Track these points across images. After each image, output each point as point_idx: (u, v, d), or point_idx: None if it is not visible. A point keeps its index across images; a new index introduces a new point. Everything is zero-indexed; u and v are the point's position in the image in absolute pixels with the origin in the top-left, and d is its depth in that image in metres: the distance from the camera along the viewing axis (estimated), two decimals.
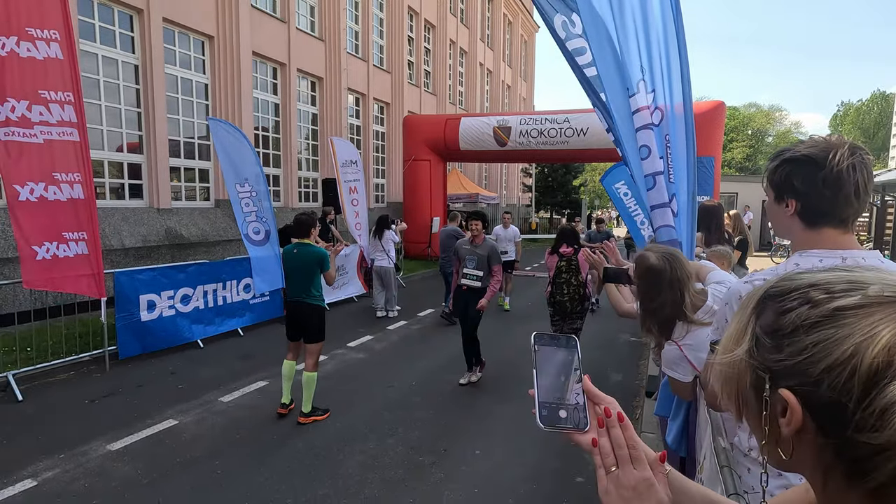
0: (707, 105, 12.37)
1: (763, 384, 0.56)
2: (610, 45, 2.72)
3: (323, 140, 14.75)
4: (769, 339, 0.56)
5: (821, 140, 1.29)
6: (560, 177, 27.92)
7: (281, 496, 3.33)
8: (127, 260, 8.49)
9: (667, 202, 2.68)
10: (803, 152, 1.27)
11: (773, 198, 1.37)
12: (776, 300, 0.57)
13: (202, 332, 6.72)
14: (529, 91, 34.97)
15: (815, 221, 1.29)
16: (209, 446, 3.98)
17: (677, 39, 2.73)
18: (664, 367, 1.88)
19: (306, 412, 4.41)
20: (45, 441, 3.97)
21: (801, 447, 0.55)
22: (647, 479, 0.69)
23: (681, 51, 2.73)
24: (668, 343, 1.84)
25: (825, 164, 1.23)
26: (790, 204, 1.31)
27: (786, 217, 1.34)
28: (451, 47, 22.81)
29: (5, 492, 3.30)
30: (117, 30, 9.24)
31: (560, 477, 3.67)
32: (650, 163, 2.68)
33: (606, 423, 0.71)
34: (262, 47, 12.20)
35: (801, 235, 1.32)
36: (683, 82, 2.74)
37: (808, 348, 0.52)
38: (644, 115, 2.68)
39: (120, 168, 9.48)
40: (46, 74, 4.75)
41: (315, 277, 4.51)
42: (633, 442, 0.70)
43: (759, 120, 45.09)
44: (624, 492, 0.68)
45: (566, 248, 5.41)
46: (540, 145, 13.72)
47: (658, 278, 1.74)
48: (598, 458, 0.71)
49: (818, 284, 0.55)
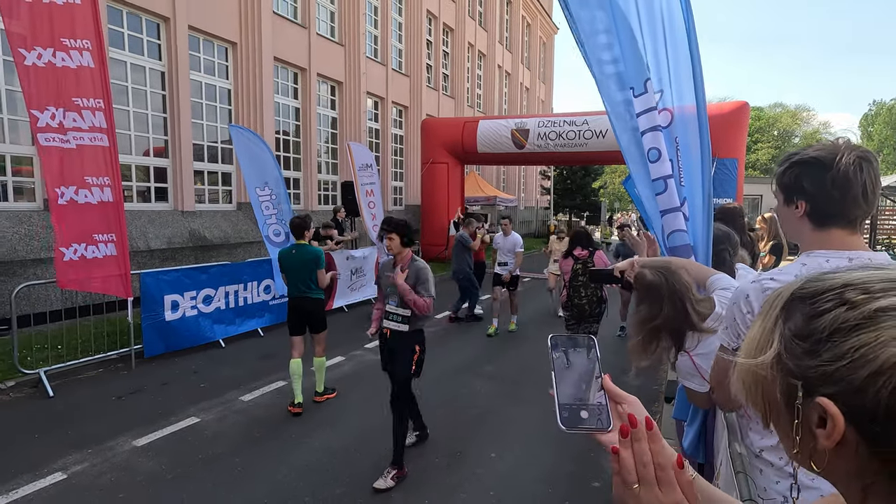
0: (730, 106, 12.14)
1: (795, 392, 0.52)
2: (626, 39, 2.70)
3: (342, 143, 14.93)
4: (801, 343, 0.52)
5: (828, 143, 1.31)
6: (579, 179, 27.68)
7: (299, 493, 3.38)
8: (153, 261, 8.73)
9: (678, 206, 2.65)
10: (812, 154, 1.30)
11: (783, 200, 1.40)
12: (806, 302, 0.53)
13: (223, 331, 6.87)
14: (548, 93, 34.80)
15: (823, 222, 1.31)
16: (230, 444, 4.07)
17: (688, 39, 2.69)
18: (680, 378, 1.87)
19: (320, 391, 4.97)
20: (74, 436, 4.11)
21: (838, 459, 0.50)
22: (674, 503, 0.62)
23: (692, 50, 2.68)
24: (682, 354, 1.83)
25: (833, 165, 1.25)
26: (800, 205, 1.34)
27: (795, 219, 1.36)
28: (470, 50, 22.87)
29: (37, 483, 3.43)
30: (145, 38, 9.53)
31: (576, 481, 3.65)
32: (659, 166, 2.65)
33: (632, 434, 0.64)
34: (283, 52, 12.43)
35: (810, 236, 1.35)
36: (696, 83, 2.70)
37: (849, 353, 0.48)
38: (652, 116, 2.65)
39: (146, 172, 9.76)
40: (79, 82, 4.93)
41: (313, 274, 4.86)
42: (662, 461, 0.63)
43: (786, 120, 44.03)
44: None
45: (581, 250, 5.35)
46: (558, 147, 13.65)
47: (658, 293, 1.74)
48: (615, 465, 0.64)
49: (853, 284, 0.51)
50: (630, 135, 2.84)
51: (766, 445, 1.37)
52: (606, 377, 0.72)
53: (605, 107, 2.99)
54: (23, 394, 4.99)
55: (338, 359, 6.32)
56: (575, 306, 5.33)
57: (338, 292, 8.92)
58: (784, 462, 1.31)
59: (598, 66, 2.92)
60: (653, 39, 2.69)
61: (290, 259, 4.86)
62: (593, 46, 2.88)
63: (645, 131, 2.67)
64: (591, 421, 0.68)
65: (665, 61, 2.76)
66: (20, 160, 7.76)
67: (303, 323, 4.88)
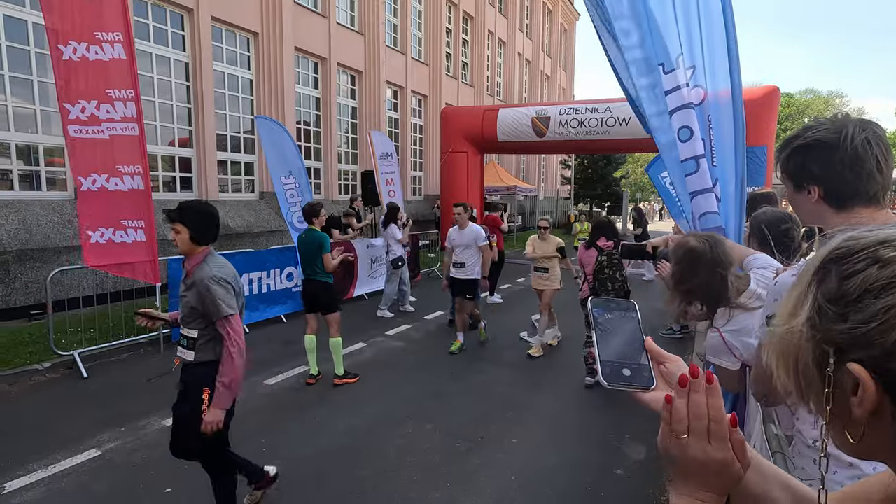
0: (759, 91, 11.75)
1: (827, 359, 0.49)
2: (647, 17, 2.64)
3: (362, 133, 14.98)
4: (833, 307, 0.49)
5: (826, 121, 1.24)
6: (600, 168, 27.23)
7: (324, 474, 3.45)
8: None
9: (710, 187, 2.59)
10: (815, 137, 1.23)
11: (794, 187, 1.33)
12: (840, 263, 0.50)
13: (248, 317, 7.00)
14: (569, 81, 34.25)
15: (843, 203, 1.25)
16: (255, 425, 4.17)
17: (724, 20, 2.61)
18: (708, 356, 1.84)
19: (339, 374, 5.05)
20: (107, 415, 4.26)
21: (876, 431, 0.48)
22: (723, 460, 0.60)
23: (728, 33, 2.61)
24: (711, 330, 1.79)
25: (839, 144, 1.19)
26: (812, 191, 1.28)
27: (810, 204, 1.30)
28: (490, 38, 22.61)
29: (74, 459, 3.57)
30: (169, 29, 9.67)
31: (598, 469, 3.64)
32: (691, 145, 2.58)
33: (691, 383, 0.62)
34: (303, 42, 12.48)
35: (834, 219, 1.28)
36: (732, 67, 2.62)
37: (879, 315, 0.45)
38: (683, 94, 2.58)
39: (172, 162, 9.96)
40: (111, 74, 5.04)
41: (319, 258, 5.02)
42: (718, 415, 0.60)
43: (817, 107, 42.52)
44: (689, 463, 0.60)
45: (606, 241, 5.05)
46: (580, 136, 13.43)
47: (699, 261, 1.71)
48: (666, 414, 0.63)
49: (889, 241, 0.48)
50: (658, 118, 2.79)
51: (818, 436, 1.32)
52: (648, 339, 0.72)
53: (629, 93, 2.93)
54: (59, 374, 5.19)
55: (359, 345, 6.40)
56: None
57: (358, 280, 9.00)
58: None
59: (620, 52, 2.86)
60: (685, 14, 2.61)
61: (301, 243, 5.15)
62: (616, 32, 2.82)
63: (674, 110, 2.60)
64: (633, 378, 0.69)
65: (699, 37, 2.68)
66: (52, 151, 8.00)
67: (314, 303, 5.11)
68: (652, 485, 3.45)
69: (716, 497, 0.61)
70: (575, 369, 5.52)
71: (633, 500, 3.28)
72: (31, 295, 7.06)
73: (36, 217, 7.38)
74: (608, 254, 5.00)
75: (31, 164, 7.78)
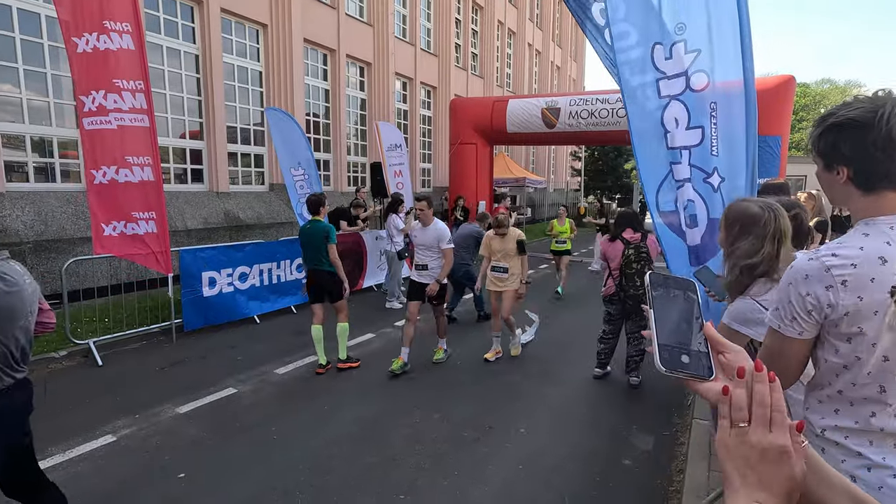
0: (774, 80, 11.54)
1: None
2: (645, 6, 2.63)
3: (371, 125, 14.96)
4: None
5: (865, 99, 1.19)
6: (611, 160, 26.97)
7: (332, 461, 3.50)
8: (190, 241, 9.02)
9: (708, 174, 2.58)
10: (849, 116, 1.19)
11: (823, 166, 1.30)
12: None
13: (259, 308, 7.08)
14: (580, 72, 33.87)
15: (872, 186, 1.22)
16: (265, 413, 4.23)
17: (738, 10, 2.58)
18: (735, 324, 1.73)
19: (342, 358, 5.21)
20: (122, 402, 4.34)
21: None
22: (782, 446, 0.58)
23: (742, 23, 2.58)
24: (742, 298, 1.73)
25: (873, 125, 1.15)
26: (841, 171, 1.25)
27: (839, 184, 1.27)
28: (499, 28, 22.40)
29: (90, 444, 3.66)
30: (179, 21, 9.70)
31: (606, 458, 3.64)
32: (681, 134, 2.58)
33: (755, 376, 0.61)
34: (312, 34, 12.46)
35: (860, 202, 1.25)
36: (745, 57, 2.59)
37: None
38: (678, 82, 2.56)
39: (183, 154, 10.04)
40: (119, 64, 5.08)
41: (324, 248, 5.09)
42: (779, 405, 0.60)
43: (834, 97, 41.67)
44: (748, 451, 0.59)
45: (633, 233, 4.79)
46: (590, 126, 13.31)
47: (763, 229, 1.64)
48: (724, 407, 0.61)
49: None
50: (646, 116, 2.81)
51: (828, 425, 1.30)
52: (708, 324, 0.68)
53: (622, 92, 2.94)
54: (74, 362, 5.29)
55: (368, 335, 6.44)
56: (630, 297, 4.71)
57: (368, 272, 9.04)
58: (850, 441, 1.26)
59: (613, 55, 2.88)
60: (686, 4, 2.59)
61: (305, 233, 5.20)
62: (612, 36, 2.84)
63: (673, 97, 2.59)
64: (692, 366, 0.65)
65: (705, 24, 2.64)
66: (66, 144, 8.10)
67: (319, 292, 5.20)
68: (660, 475, 3.45)
69: (774, 500, 0.58)
70: (583, 362, 5.52)
71: (642, 491, 3.28)
72: (47, 285, 7.18)
73: (51, 208, 7.50)
74: (635, 247, 4.73)
75: (45, 156, 7.88)
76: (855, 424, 1.25)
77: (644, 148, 2.95)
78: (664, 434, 4.04)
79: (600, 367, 5.11)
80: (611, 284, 4.87)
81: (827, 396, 1.30)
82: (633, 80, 2.86)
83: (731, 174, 2.69)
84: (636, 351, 4.91)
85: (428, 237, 5.20)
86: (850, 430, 1.26)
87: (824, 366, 1.30)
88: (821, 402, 1.32)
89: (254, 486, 3.20)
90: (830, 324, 1.23)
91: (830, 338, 1.26)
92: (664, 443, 3.90)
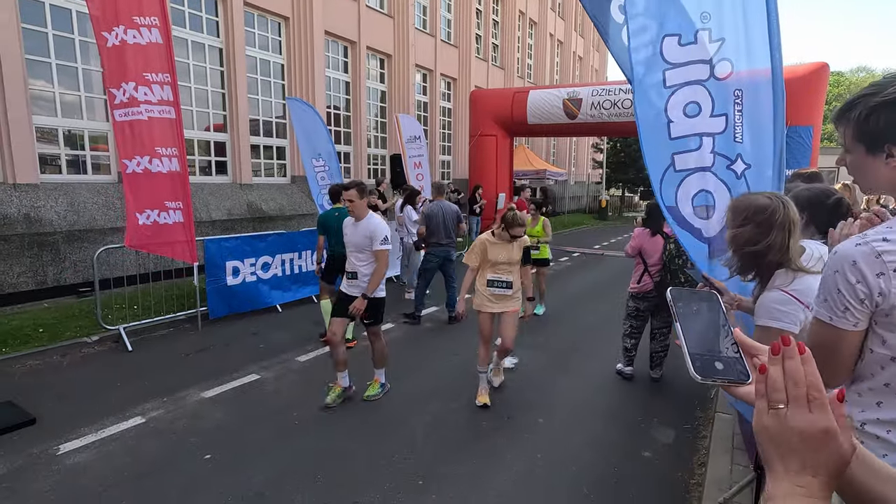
0: (806, 68, 11.15)
1: None
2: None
3: (391, 117, 15.00)
4: None
5: None
6: (634, 152, 26.47)
7: (352, 447, 3.56)
8: (214, 231, 9.22)
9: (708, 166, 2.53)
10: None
11: (867, 150, 1.21)
12: None
13: (280, 297, 7.20)
14: (602, 62, 33.27)
15: None
16: (287, 399, 4.32)
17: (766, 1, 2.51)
18: (762, 320, 1.69)
19: (349, 338, 5.39)
20: (151, 386, 4.49)
21: None
22: (826, 429, 0.55)
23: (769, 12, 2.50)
24: (770, 290, 1.69)
25: None
26: (894, 153, 1.16)
27: (889, 170, 1.17)
28: (521, 18, 22.14)
29: (122, 425, 3.79)
30: (204, 15, 9.86)
31: (626, 450, 3.62)
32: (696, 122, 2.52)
33: (784, 351, 0.59)
34: (333, 26, 12.52)
35: None
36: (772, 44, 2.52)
37: None
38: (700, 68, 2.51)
39: (207, 147, 10.24)
40: (149, 58, 5.20)
41: None
42: (816, 382, 0.57)
43: None
44: (789, 435, 0.56)
45: (667, 227, 4.45)
46: (613, 117, 13.10)
47: (770, 218, 1.62)
48: (760, 386, 0.59)
49: None
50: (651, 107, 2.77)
51: (869, 418, 1.24)
52: (737, 330, 0.68)
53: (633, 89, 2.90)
54: (106, 347, 5.48)
55: (387, 325, 6.50)
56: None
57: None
58: (892, 435, 1.20)
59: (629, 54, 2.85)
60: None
61: (332, 220, 5.40)
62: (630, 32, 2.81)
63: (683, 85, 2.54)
64: (727, 372, 0.65)
65: (731, 11, 2.58)
66: (96, 137, 8.34)
67: (336, 275, 5.41)
68: (682, 468, 3.41)
69: (819, 483, 0.54)
70: (602, 355, 5.47)
71: (661, 483, 3.26)
72: (79, 273, 7.44)
73: (83, 199, 7.74)
74: (675, 241, 4.55)
75: (76, 148, 8.13)
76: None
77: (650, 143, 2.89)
78: (685, 427, 3.98)
79: (629, 364, 4.91)
80: (647, 281, 4.63)
81: (869, 389, 1.24)
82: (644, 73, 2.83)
83: (756, 162, 2.62)
84: (661, 347, 4.84)
85: (358, 235, 4.12)
86: (894, 424, 1.21)
87: (869, 356, 1.23)
88: (860, 395, 1.26)
89: (275, 468, 3.28)
90: (880, 313, 1.16)
91: (878, 328, 1.19)
92: (686, 436, 3.85)
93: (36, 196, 7.26)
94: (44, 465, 3.27)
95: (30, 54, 7.29)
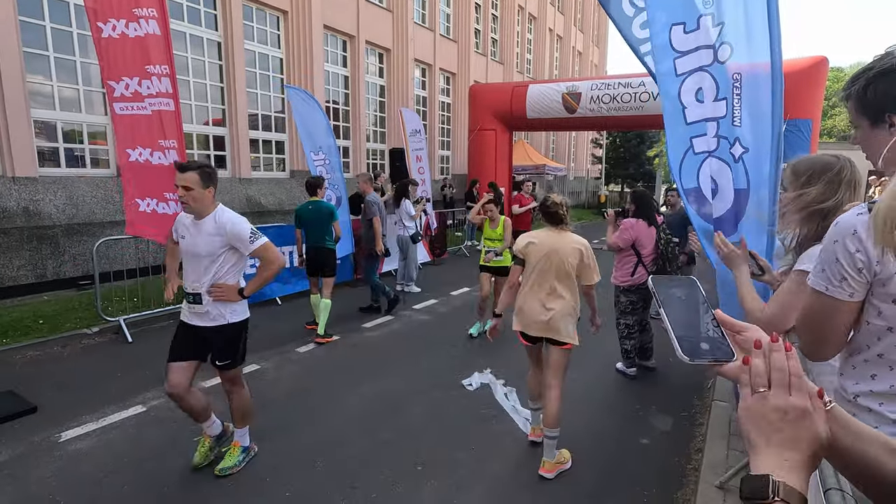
0: (806, 62, 11.14)
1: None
2: None
3: (390, 112, 14.99)
4: None
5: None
6: (633, 147, 26.49)
7: (355, 435, 3.58)
8: None
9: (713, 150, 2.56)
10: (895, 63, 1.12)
11: (870, 123, 1.21)
12: None
13: (280, 290, 7.22)
14: (602, 57, 33.20)
15: None
16: (288, 388, 4.34)
17: None
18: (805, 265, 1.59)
19: (321, 334, 5.48)
20: (150, 375, 4.50)
21: None
22: (800, 407, 0.60)
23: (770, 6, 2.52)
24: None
25: None
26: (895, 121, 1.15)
27: (889, 138, 1.17)
28: (520, 13, 22.08)
29: (123, 413, 3.82)
30: (202, 9, 9.83)
31: (623, 438, 3.65)
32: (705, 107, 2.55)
33: (771, 346, 0.63)
34: (332, 20, 12.49)
35: None
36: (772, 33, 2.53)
37: None
38: (703, 54, 2.53)
39: (206, 141, 10.23)
40: (148, 50, 5.19)
41: (328, 227, 5.53)
42: (798, 371, 0.62)
43: None
44: (770, 414, 0.60)
45: (658, 215, 4.63)
46: (612, 111, 13.09)
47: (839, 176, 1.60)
48: (745, 376, 0.63)
49: None
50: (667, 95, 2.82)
51: (862, 391, 1.25)
52: (717, 311, 0.71)
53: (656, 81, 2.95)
54: (106, 338, 5.50)
55: (387, 317, 6.52)
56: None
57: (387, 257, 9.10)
58: (885, 408, 1.21)
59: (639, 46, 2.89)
60: None
61: (307, 213, 5.55)
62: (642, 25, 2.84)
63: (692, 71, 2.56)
64: (712, 352, 0.67)
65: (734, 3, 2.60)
66: (95, 132, 8.33)
67: (318, 267, 5.63)
68: (678, 454, 3.44)
69: (801, 459, 0.58)
70: (600, 348, 5.49)
71: (659, 468, 3.28)
72: (78, 266, 7.45)
73: (81, 193, 7.75)
74: (664, 227, 4.59)
75: (75, 143, 8.12)
76: (890, 389, 1.20)
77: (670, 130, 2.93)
78: (683, 415, 4.01)
79: (632, 366, 4.78)
80: (642, 272, 4.53)
81: (864, 361, 1.25)
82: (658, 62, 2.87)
83: (755, 147, 2.64)
84: (647, 337, 4.89)
85: (202, 240, 2.99)
86: (885, 396, 1.21)
87: (865, 328, 1.23)
88: (855, 367, 1.27)
89: (275, 456, 3.30)
90: (878, 283, 1.16)
91: (874, 299, 1.19)
92: (683, 423, 3.88)
93: (35, 189, 7.26)
94: (45, 452, 3.29)
95: (28, 47, 7.28)
